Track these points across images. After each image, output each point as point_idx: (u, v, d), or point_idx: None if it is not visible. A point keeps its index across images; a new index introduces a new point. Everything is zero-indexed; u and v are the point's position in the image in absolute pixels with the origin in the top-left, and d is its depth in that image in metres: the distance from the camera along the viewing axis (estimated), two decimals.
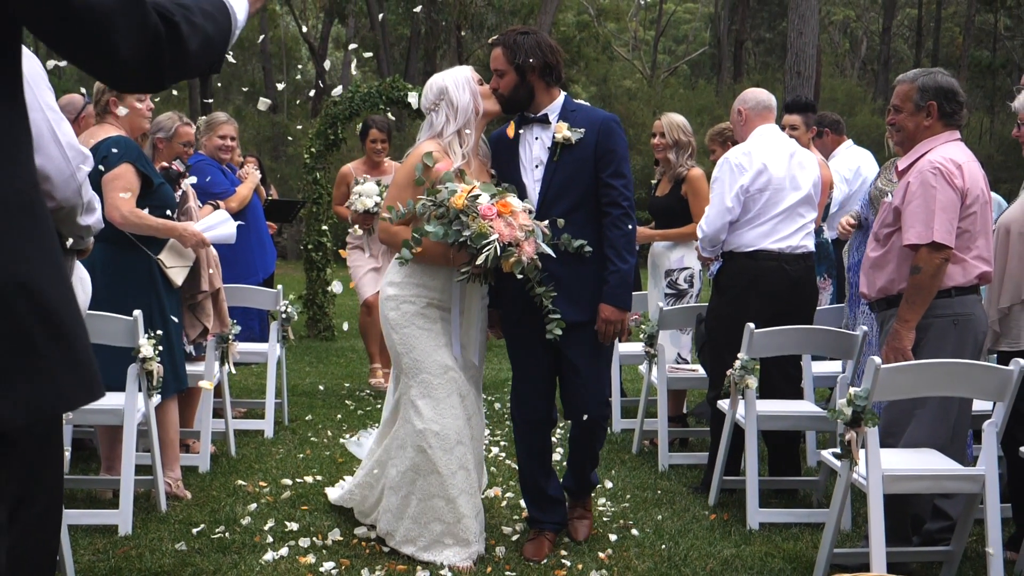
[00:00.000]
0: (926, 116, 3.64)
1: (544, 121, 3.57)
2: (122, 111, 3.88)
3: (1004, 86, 29.03)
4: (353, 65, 21.80)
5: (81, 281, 2.73)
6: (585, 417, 3.59)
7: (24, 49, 2.15)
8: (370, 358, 6.86)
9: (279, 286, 5.59)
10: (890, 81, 31.75)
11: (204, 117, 5.96)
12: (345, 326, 7.46)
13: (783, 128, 5.48)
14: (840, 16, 36.36)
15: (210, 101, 18.91)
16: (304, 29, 27.83)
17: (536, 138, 3.59)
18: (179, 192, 4.44)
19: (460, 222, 3.24)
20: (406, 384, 3.53)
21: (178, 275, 4.04)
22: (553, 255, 3.36)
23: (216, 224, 4.30)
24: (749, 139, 4.46)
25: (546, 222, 3.42)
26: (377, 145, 6.53)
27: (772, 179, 4.28)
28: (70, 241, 2.49)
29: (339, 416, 5.89)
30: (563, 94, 3.63)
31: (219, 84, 26.29)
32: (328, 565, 3.40)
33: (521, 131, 3.61)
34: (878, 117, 22.49)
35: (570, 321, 3.47)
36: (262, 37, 24.38)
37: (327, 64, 29.04)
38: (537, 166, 3.56)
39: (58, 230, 2.28)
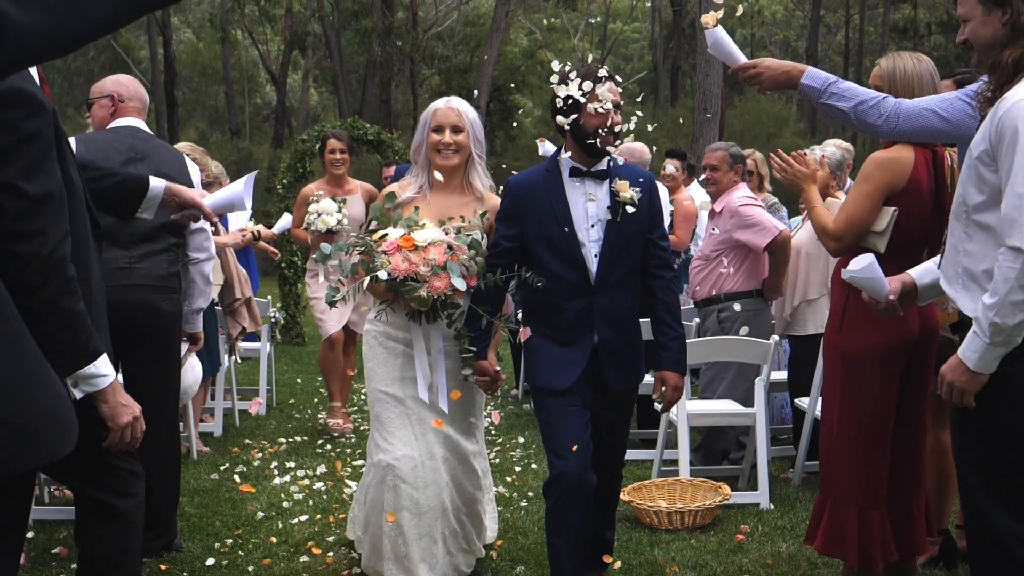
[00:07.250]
0: (735, 174, 5.37)
1: (599, 176, 3.31)
2: None
3: None
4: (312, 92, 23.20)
5: (191, 368, 4.12)
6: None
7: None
8: (330, 396, 6.32)
9: (268, 296, 7.13)
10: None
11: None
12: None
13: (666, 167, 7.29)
14: (780, 36, 38.63)
15: None
16: (261, 50, 29.12)
17: (590, 193, 3.31)
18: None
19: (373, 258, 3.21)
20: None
21: (215, 290, 5.54)
22: (462, 288, 3.20)
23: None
24: None
25: (470, 254, 3.25)
26: (336, 155, 6.11)
27: None
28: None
29: (316, 400, 7.42)
30: None
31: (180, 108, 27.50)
32: (319, 485, 4.95)
33: (570, 183, 3.29)
34: (798, 138, 24.50)
35: (620, 389, 3.36)
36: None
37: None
38: (594, 225, 3.27)
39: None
